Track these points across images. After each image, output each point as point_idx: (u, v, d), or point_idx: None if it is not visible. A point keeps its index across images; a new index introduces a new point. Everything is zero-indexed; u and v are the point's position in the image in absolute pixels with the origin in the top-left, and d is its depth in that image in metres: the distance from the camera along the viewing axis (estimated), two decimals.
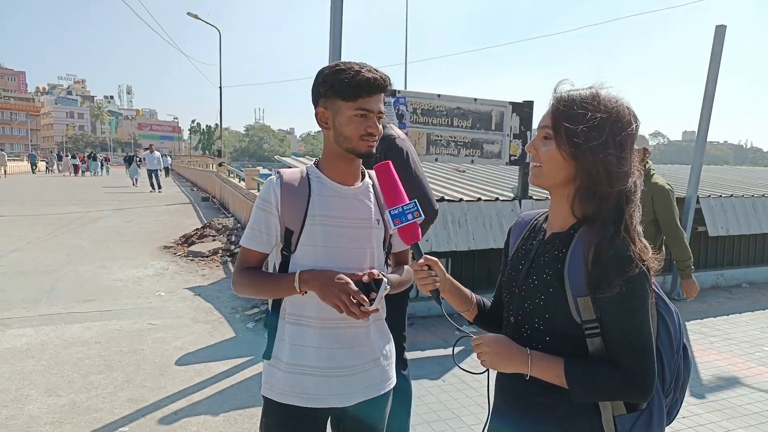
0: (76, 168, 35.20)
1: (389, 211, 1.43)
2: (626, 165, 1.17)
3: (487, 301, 1.50)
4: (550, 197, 1.29)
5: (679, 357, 1.26)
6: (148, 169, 21.06)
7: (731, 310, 5.82)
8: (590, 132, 1.15)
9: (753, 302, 6.20)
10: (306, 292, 1.47)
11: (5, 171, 30.96)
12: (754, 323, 5.38)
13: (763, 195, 7.28)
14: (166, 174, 30.66)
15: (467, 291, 1.47)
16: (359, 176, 1.60)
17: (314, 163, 1.61)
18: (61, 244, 8.94)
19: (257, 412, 3.18)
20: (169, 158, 34.40)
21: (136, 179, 23.84)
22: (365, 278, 1.44)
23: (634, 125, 1.19)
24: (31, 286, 6.17)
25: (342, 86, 1.45)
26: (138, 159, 25.86)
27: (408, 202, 1.44)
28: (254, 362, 4.07)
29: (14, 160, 38.26)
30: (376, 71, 1.48)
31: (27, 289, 6.07)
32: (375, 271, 1.47)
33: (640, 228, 1.18)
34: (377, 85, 1.46)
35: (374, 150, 1.53)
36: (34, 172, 36.61)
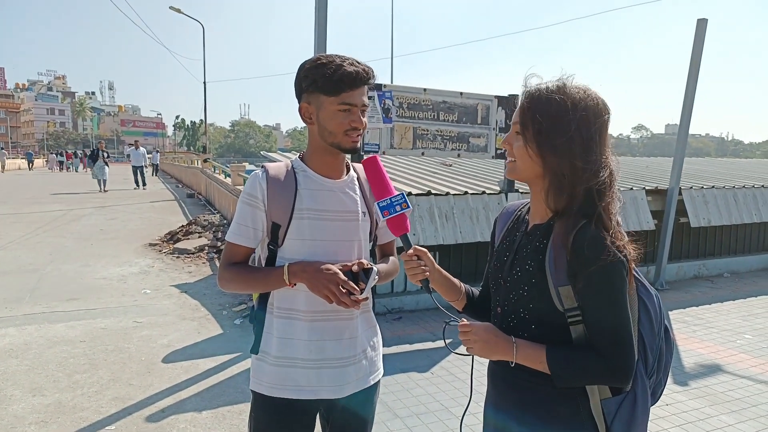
0: (61, 165, 36.29)
1: (378, 204, 1.45)
2: (595, 158, 1.17)
3: (476, 290, 1.52)
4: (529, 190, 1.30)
5: (660, 339, 1.28)
6: (133, 166, 20.76)
7: (713, 300, 5.93)
8: (555, 129, 1.16)
9: (734, 291, 6.32)
10: (295, 285, 1.47)
11: (3, 167, 32.75)
12: (735, 312, 5.49)
13: (744, 186, 7.41)
14: (155, 172, 30.14)
15: (456, 281, 1.48)
16: (344, 170, 1.61)
17: (299, 157, 1.60)
18: (44, 242, 8.81)
19: (246, 408, 3.17)
20: (158, 155, 33.89)
21: (104, 181, 18.55)
22: (355, 268, 1.45)
23: (604, 116, 1.19)
24: (14, 286, 6.07)
25: (324, 81, 1.44)
26: (105, 155, 19.56)
27: (396, 194, 1.45)
28: (242, 359, 4.06)
29: None
30: (359, 64, 1.47)
31: (9, 288, 5.97)
32: (364, 261, 1.49)
33: (619, 218, 1.20)
34: (360, 78, 1.46)
35: (358, 144, 1.53)
36: (30, 169, 37.79)
